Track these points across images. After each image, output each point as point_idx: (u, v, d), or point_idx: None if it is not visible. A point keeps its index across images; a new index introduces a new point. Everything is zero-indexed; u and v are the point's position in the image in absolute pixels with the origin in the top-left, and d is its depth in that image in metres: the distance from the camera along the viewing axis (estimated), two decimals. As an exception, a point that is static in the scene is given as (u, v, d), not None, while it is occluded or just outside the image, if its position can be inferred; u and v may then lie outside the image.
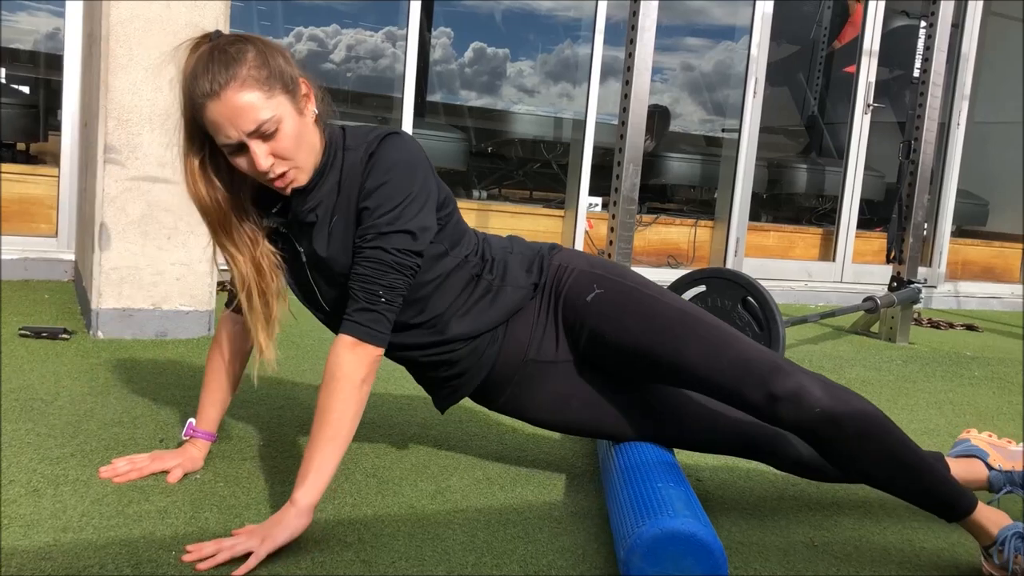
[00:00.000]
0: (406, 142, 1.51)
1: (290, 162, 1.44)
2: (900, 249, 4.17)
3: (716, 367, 1.54)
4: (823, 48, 6.74)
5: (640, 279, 1.68)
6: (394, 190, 1.46)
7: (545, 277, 1.68)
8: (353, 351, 1.44)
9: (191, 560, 1.33)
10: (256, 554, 1.33)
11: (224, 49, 1.40)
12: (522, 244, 1.74)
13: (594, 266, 1.69)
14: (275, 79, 1.41)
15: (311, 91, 1.49)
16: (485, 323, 1.64)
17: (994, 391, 3.17)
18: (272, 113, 1.40)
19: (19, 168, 3.85)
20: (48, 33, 5.08)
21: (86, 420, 1.93)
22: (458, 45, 6.36)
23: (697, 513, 1.39)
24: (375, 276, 1.45)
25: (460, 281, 1.62)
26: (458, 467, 1.86)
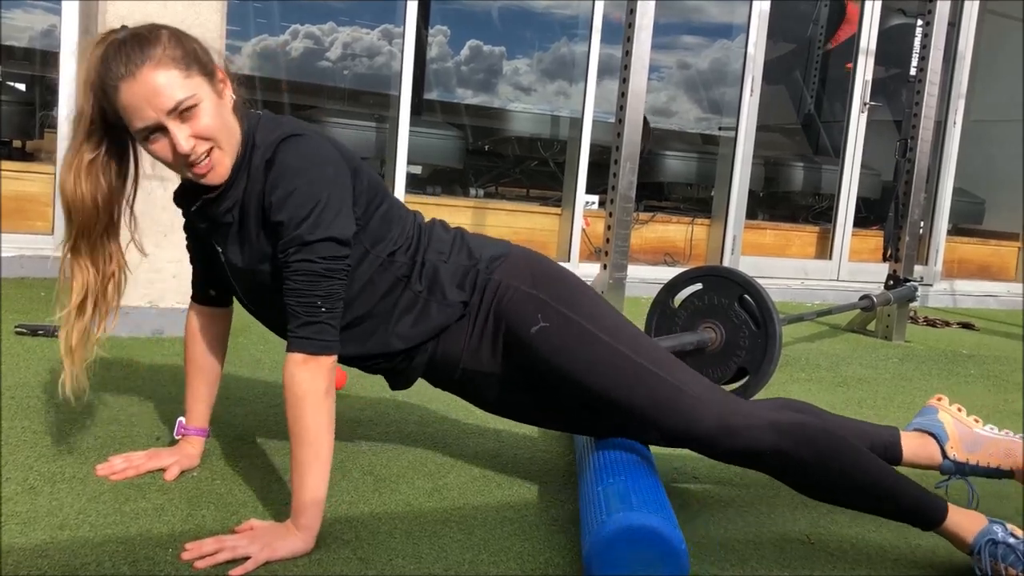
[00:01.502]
0: (308, 143, 1.45)
1: (211, 143, 1.40)
2: (896, 247, 4.18)
3: (663, 417, 1.54)
4: (820, 46, 6.75)
5: (589, 307, 1.59)
6: (303, 198, 1.40)
7: (480, 294, 1.59)
8: (307, 367, 1.41)
9: (190, 558, 1.33)
10: (254, 559, 1.33)
11: (136, 33, 1.39)
12: (462, 250, 1.62)
13: (538, 286, 1.59)
14: (191, 60, 1.39)
15: (227, 77, 1.46)
16: (409, 340, 1.59)
17: (990, 389, 3.18)
18: (191, 92, 1.37)
19: (15, 165, 3.85)
20: (44, 30, 5.07)
21: (82, 418, 1.93)
22: (454, 43, 6.37)
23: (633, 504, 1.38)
24: (310, 288, 1.41)
25: (384, 283, 1.56)
26: (455, 465, 1.86)
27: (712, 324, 2.70)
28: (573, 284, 1.63)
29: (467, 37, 6.38)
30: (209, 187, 1.47)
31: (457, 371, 1.64)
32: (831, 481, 1.53)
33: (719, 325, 2.69)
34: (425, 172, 5.37)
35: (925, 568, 1.57)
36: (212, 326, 1.72)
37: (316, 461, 1.41)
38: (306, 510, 1.39)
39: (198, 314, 1.72)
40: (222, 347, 1.75)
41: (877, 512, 1.58)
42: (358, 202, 1.50)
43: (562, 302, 1.57)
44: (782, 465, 1.53)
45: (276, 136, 1.45)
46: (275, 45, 5.82)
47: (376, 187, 1.56)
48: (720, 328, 2.69)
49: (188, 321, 1.73)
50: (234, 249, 1.52)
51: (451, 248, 1.62)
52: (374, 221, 1.53)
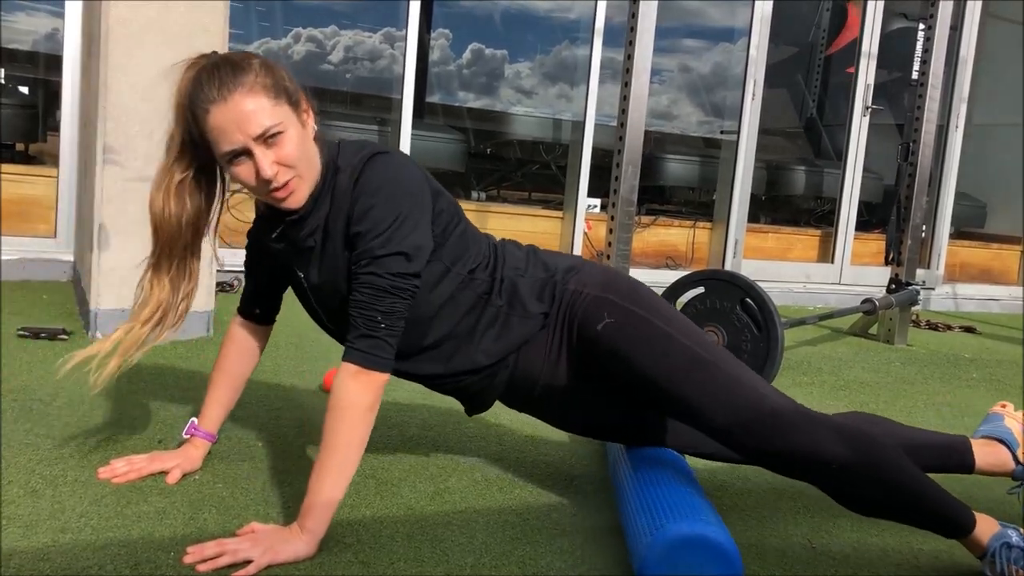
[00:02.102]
0: (393, 160, 1.49)
1: (293, 170, 1.43)
2: (898, 251, 4.18)
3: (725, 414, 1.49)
4: (821, 50, 6.75)
5: (658, 306, 1.59)
6: (383, 212, 1.43)
7: (557, 304, 1.61)
8: (357, 379, 1.43)
9: (192, 561, 1.33)
10: (256, 563, 1.33)
11: (228, 59, 1.42)
12: (537, 264, 1.65)
13: (608, 289, 1.60)
14: (280, 89, 1.42)
15: (310, 108, 1.49)
16: (492, 355, 1.61)
17: (992, 393, 3.17)
18: (278, 119, 1.40)
19: (18, 169, 3.85)
20: (47, 33, 5.08)
21: (84, 421, 1.93)
22: (456, 46, 6.37)
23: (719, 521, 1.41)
24: (372, 302, 1.43)
25: (466, 301, 1.58)
26: (456, 468, 1.86)
27: (714, 328, 2.70)
28: (644, 289, 1.64)
29: (469, 40, 6.38)
30: (290, 211, 1.49)
31: (537, 387, 1.65)
32: (877, 498, 1.49)
33: (721, 329, 2.69)
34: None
35: (928, 572, 1.57)
36: (250, 338, 1.76)
37: (339, 471, 1.42)
38: (316, 514, 1.40)
39: (240, 325, 1.76)
40: (253, 360, 1.78)
41: (906, 522, 1.54)
42: (438, 221, 1.52)
43: (629, 300, 1.58)
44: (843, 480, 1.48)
45: (363, 155, 1.48)
46: (277, 48, 5.82)
47: (454, 208, 1.58)
48: (722, 332, 2.69)
49: (229, 329, 1.77)
50: (315, 271, 1.54)
51: (527, 263, 1.64)
52: (452, 239, 1.55)
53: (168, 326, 1.57)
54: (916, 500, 1.49)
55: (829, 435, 1.47)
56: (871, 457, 1.48)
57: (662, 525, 1.37)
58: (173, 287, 1.54)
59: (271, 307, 1.77)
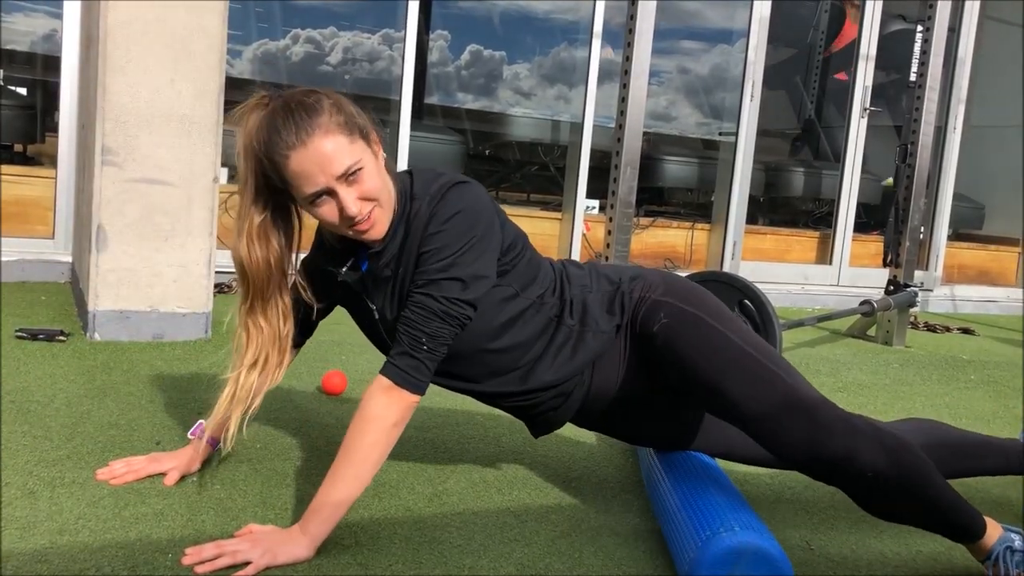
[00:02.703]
0: (470, 190, 1.49)
1: (374, 203, 1.43)
2: (897, 252, 4.18)
3: (769, 415, 1.49)
4: (820, 52, 6.75)
5: (708, 304, 1.60)
6: (451, 238, 1.44)
7: (628, 315, 1.61)
8: (388, 395, 1.43)
9: (191, 562, 1.33)
10: (255, 564, 1.33)
11: (300, 101, 1.40)
12: (601, 279, 1.65)
13: (668, 292, 1.60)
14: (353, 125, 1.42)
15: (379, 139, 1.49)
16: (568, 372, 1.60)
17: (990, 395, 3.18)
18: (357, 156, 1.40)
19: (16, 170, 3.85)
20: (45, 35, 5.07)
21: (82, 422, 1.93)
22: (455, 47, 6.37)
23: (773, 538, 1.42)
24: (420, 323, 1.43)
25: (538, 324, 1.58)
26: (455, 470, 1.86)
27: (712, 329, 2.70)
28: (699, 290, 1.64)
29: (467, 42, 6.38)
30: (371, 243, 1.49)
31: (610, 400, 1.66)
32: (901, 508, 1.50)
33: (719, 330, 2.69)
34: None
35: (926, 573, 1.57)
36: (275, 362, 1.71)
37: (353, 481, 1.43)
38: (321, 519, 1.40)
39: None
40: (275, 381, 1.71)
41: (920, 526, 1.55)
42: (506, 252, 1.53)
43: (684, 300, 1.58)
44: (876, 488, 1.47)
45: (442, 183, 1.48)
46: (276, 49, 5.82)
47: (520, 236, 1.59)
48: (720, 333, 2.68)
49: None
50: (389, 301, 1.54)
51: (591, 279, 1.64)
52: (521, 265, 1.56)
53: (273, 368, 1.57)
54: (938, 512, 1.50)
55: (867, 443, 1.47)
56: (906, 469, 1.47)
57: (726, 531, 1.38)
58: (271, 327, 1.55)
59: (305, 333, 1.75)
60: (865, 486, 1.47)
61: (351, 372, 2.51)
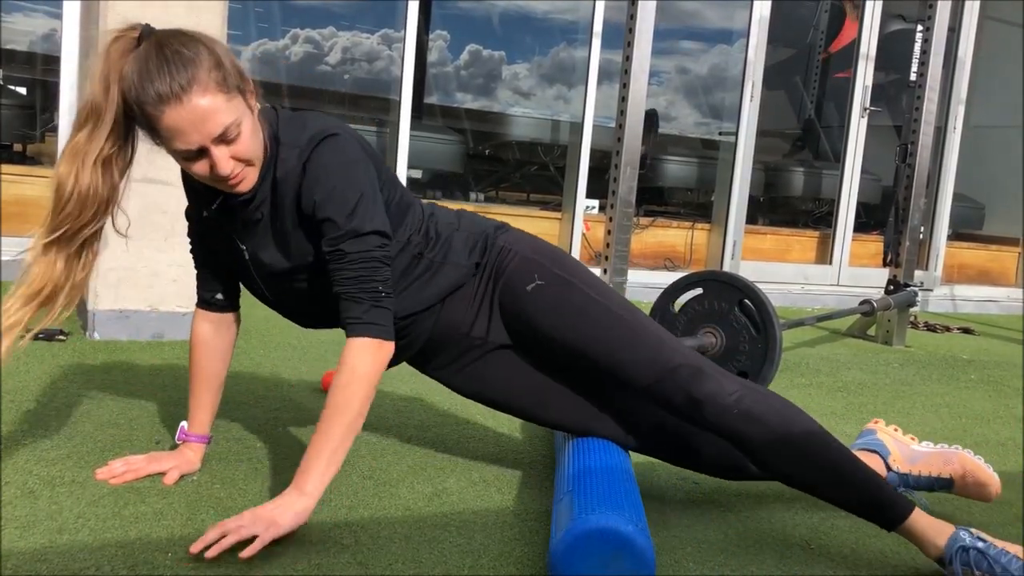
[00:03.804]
0: (341, 143, 1.46)
1: (246, 162, 1.41)
2: (896, 252, 4.18)
3: (643, 372, 1.59)
4: (819, 52, 6.76)
5: (583, 274, 1.67)
6: (347, 194, 1.44)
7: (488, 258, 1.66)
8: (373, 350, 1.45)
9: (198, 549, 1.32)
10: (261, 538, 1.33)
11: (177, 50, 1.34)
12: (469, 221, 1.71)
13: (538, 252, 1.67)
14: (231, 79, 1.36)
15: (254, 87, 1.44)
16: (421, 302, 1.63)
17: (990, 395, 3.18)
18: (234, 117, 1.36)
19: (16, 169, 3.85)
20: (45, 34, 5.08)
21: (82, 421, 1.92)
22: (454, 47, 6.37)
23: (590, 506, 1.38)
24: (371, 275, 1.45)
25: (402, 263, 1.60)
26: (455, 469, 1.86)
27: (712, 329, 2.70)
28: (570, 257, 1.72)
29: (467, 42, 6.38)
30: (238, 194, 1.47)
31: (456, 345, 1.70)
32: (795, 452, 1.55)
33: (719, 330, 2.69)
34: (425, 176, 5.38)
35: (926, 574, 1.56)
36: (219, 334, 1.71)
37: (348, 433, 1.45)
38: (317, 477, 1.42)
39: (205, 320, 1.70)
40: (227, 355, 1.74)
41: (838, 501, 1.57)
42: (382, 192, 1.53)
43: (559, 266, 1.66)
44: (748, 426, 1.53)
45: (309, 135, 1.45)
46: (275, 49, 5.82)
47: (392, 178, 1.60)
48: (720, 333, 2.69)
49: (194, 328, 1.71)
50: (262, 244, 1.53)
51: (459, 220, 1.69)
52: (392, 209, 1.56)
53: (56, 311, 1.47)
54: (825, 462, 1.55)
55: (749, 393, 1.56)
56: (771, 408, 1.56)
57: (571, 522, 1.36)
58: (68, 269, 1.46)
59: (231, 289, 1.69)
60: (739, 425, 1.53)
61: (351, 372, 2.51)
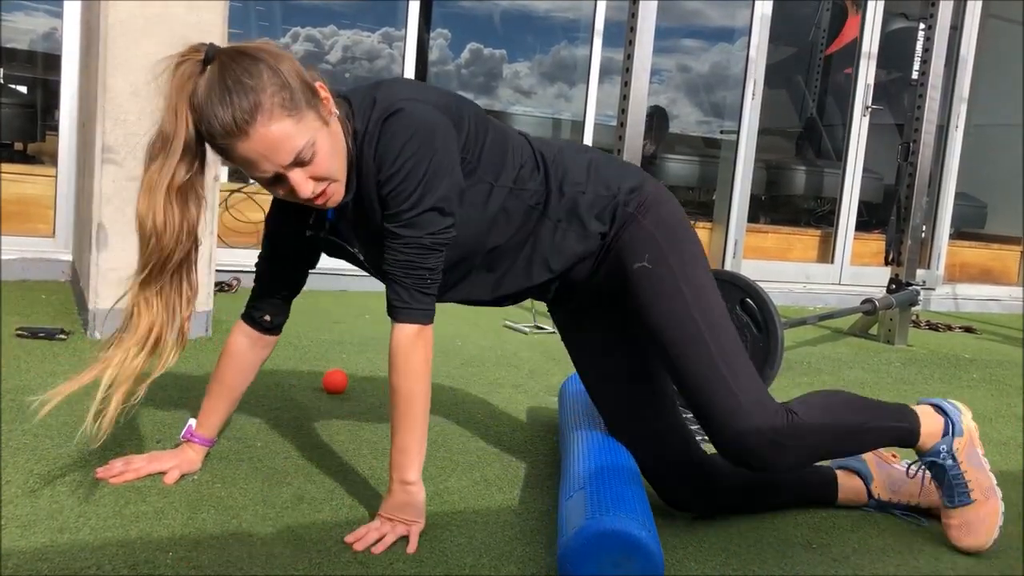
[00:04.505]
0: (405, 118, 1.38)
1: (329, 179, 1.38)
2: (898, 251, 4.18)
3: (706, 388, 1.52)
4: (821, 50, 6.75)
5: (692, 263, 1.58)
6: (409, 173, 1.37)
7: (616, 226, 1.57)
8: (420, 338, 1.45)
9: (362, 547, 1.41)
10: (413, 537, 1.45)
11: (238, 77, 1.29)
12: (598, 182, 1.58)
13: (660, 225, 1.58)
14: (298, 97, 1.32)
15: (327, 91, 1.39)
16: (547, 272, 1.60)
17: (992, 394, 3.17)
18: (306, 139, 1.32)
19: (17, 168, 3.85)
20: (45, 33, 5.07)
21: (83, 421, 1.91)
22: (455, 46, 6.36)
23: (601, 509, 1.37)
24: (419, 261, 1.41)
25: (517, 212, 1.53)
26: (456, 468, 1.85)
27: (714, 328, 2.69)
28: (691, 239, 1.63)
29: (468, 40, 6.37)
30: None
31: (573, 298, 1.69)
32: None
33: (721, 329, 2.68)
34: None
35: (928, 572, 1.56)
36: (252, 351, 1.70)
37: (423, 420, 1.48)
38: (416, 462, 1.48)
39: (243, 334, 1.69)
40: (253, 372, 1.73)
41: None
42: (468, 147, 1.46)
43: (673, 249, 1.57)
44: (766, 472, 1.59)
45: (376, 116, 1.40)
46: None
47: (479, 122, 1.50)
48: (722, 332, 2.68)
49: (231, 337, 1.70)
50: (365, 244, 1.54)
51: (587, 177, 1.58)
52: (485, 155, 1.49)
53: (168, 352, 1.46)
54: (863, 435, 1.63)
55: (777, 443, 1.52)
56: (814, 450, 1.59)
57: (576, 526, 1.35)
58: (168, 306, 1.43)
59: (281, 312, 1.70)
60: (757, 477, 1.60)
61: (352, 371, 2.51)
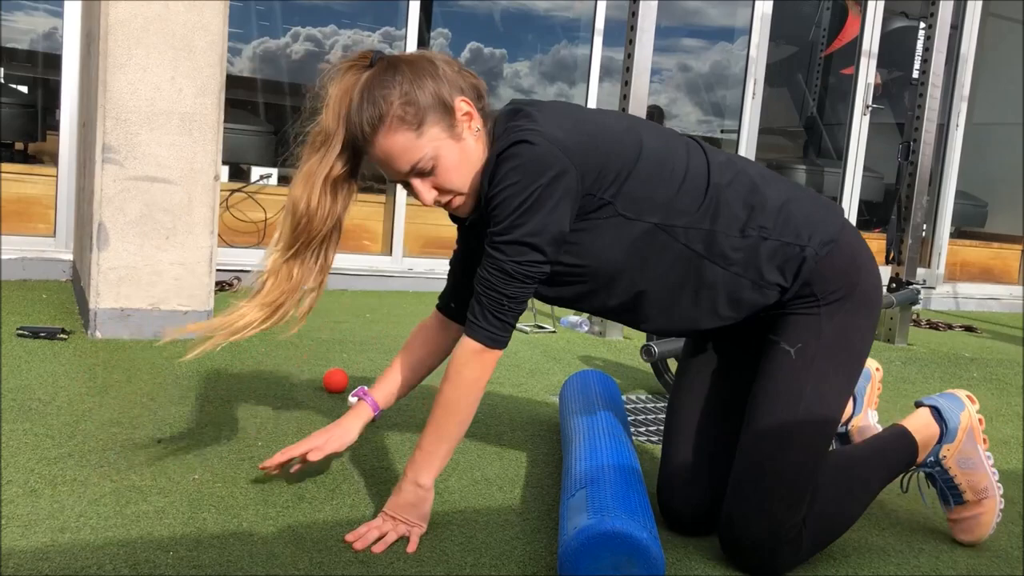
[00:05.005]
0: (519, 152, 1.37)
1: (452, 192, 1.44)
2: (899, 250, 4.17)
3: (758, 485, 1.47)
4: (822, 49, 6.75)
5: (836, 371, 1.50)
6: (506, 200, 1.37)
7: (793, 286, 1.48)
8: (481, 358, 1.44)
9: (362, 546, 1.42)
10: (414, 537, 1.46)
11: (372, 90, 1.39)
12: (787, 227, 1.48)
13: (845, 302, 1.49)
14: (426, 112, 1.39)
15: (472, 108, 1.43)
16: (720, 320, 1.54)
17: (992, 392, 3.17)
18: (424, 152, 1.40)
19: (17, 168, 3.85)
20: (46, 32, 5.07)
21: (83, 420, 1.92)
22: (455, 45, 6.36)
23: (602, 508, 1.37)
24: (499, 285, 1.40)
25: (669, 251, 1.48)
26: (456, 468, 1.85)
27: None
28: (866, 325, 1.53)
29: (468, 39, 6.37)
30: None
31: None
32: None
33: (721, 328, 2.68)
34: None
35: (928, 572, 1.56)
36: (442, 332, 1.73)
37: (458, 433, 1.48)
38: (435, 468, 1.48)
39: (434, 318, 1.75)
40: (440, 352, 1.74)
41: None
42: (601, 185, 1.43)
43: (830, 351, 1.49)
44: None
45: (502, 144, 1.40)
46: (276, 47, 5.82)
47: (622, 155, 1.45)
48: (722, 331, 2.67)
49: (424, 320, 1.77)
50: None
51: (776, 220, 1.49)
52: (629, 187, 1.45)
53: (284, 318, 1.54)
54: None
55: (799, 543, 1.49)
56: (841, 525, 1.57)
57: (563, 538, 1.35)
58: (301, 279, 1.53)
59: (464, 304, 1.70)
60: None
61: (352, 370, 2.51)
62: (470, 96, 1.44)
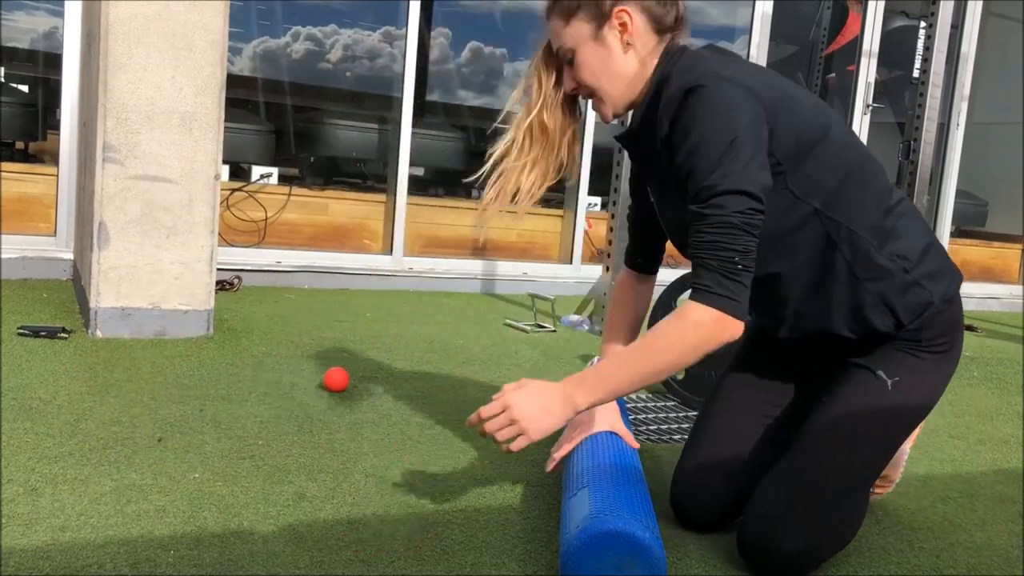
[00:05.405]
0: (711, 94, 1.34)
1: (588, 89, 1.50)
2: (899, 249, 4.17)
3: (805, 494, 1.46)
4: (822, 49, 6.75)
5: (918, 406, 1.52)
6: (710, 150, 1.31)
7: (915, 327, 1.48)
8: (719, 325, 1.32)
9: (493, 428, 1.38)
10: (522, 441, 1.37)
11: None
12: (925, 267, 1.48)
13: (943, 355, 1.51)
14: (578, 9, 1.46)
15: (631, 21, 1.45)
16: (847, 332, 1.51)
17: (993, 392, 3.17)
18: (564, 42, 1.48)
19: (18, 167, 3.85)
20: (46, 32, 5.07)
21: (84, 419, 1.92)
22: (455, 45, 6.36)
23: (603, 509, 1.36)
24: (728, 242, 1.31)
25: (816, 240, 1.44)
26: (457, 466, 1.85)
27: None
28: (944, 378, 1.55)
29: (468, 39, 6.37)
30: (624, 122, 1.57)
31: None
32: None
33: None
34: (427, 174, 5.37)
35: (928, 572, 1.56)
36: (639, 284, 1.77)
37: (642, 381, 1.37)
38: (593, 399, 1.38)
39: (627, 274, 1.78)
40: (644, 306, 1.76)
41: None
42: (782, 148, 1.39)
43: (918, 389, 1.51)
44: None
45: (682, 83, 1.38)
46: (276, 47, 5.82)
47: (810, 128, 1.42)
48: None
49: (618, 280, 1.80)
50: (662, 195, 1.56)
51: (918, 259, 1.48)
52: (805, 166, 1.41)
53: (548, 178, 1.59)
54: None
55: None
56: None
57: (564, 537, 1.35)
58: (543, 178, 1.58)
59: (652, 256, 1.74)
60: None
61: (353, 370, 2.51)
62: (648, 14, 1.47)
